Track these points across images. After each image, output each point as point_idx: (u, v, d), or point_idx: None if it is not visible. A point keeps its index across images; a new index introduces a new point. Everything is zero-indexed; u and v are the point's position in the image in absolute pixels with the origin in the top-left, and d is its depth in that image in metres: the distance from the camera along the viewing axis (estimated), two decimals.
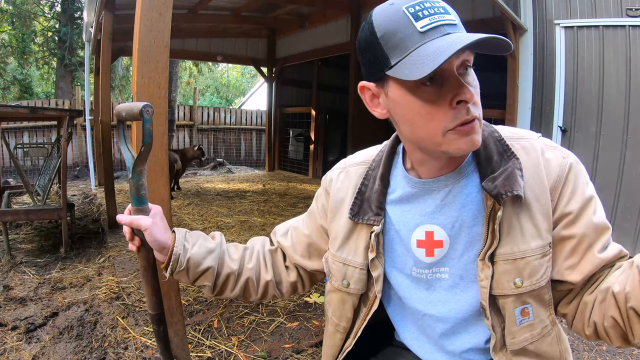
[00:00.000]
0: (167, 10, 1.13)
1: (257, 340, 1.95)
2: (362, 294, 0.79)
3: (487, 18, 3.73)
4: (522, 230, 0.66)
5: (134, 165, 0.74)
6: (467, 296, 0.71)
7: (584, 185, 0.68)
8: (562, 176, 0.67)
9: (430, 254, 0.72)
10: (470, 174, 0.71)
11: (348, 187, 0.81)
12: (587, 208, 0.67)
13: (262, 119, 9.90)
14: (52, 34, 10.51)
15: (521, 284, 0.66)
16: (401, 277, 0.76)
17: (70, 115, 2.98)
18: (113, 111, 7.79)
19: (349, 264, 0.78)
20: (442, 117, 0.61)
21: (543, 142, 0.72)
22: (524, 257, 0.66)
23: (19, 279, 2.54)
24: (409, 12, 0.59)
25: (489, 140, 0.70)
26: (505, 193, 0.64)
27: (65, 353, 1.79)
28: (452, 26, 0.60)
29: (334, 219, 0.82)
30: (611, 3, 3.13)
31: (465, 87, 0.60)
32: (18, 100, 10.11)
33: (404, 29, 0.59)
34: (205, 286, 0.84)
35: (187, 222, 3.92)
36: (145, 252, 0.79)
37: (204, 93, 19.12)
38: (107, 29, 3.57)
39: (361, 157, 0.85)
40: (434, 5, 0.60)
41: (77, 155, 7.54)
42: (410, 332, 0.80)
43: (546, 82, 3.51)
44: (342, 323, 0.82)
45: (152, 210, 0.78)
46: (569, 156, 0.69)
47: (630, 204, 3.12)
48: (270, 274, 0.90)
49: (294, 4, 5.24)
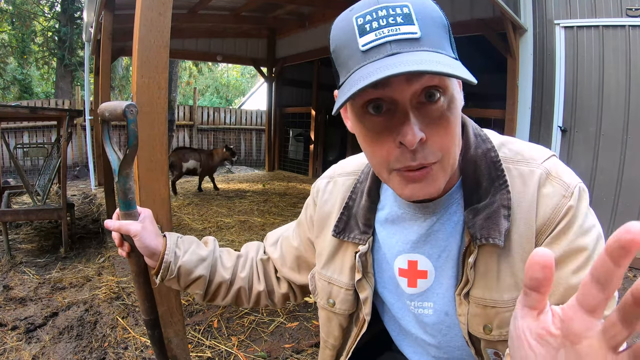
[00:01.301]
0: (167, 10, 1.13)
1: (257, 340, 1.95)
2: (353, 314, 0.74)
3: (487, 18, 3.73)
4: (498, 278, 0.58)
5: (119, 168, 0.70)
6: (453, 332, 0.65)
7: (577, 231, 0.55)
8: (554, 220, 0.56)
9: (413, 285, 0.65)
10: (459, 199, 0.62)
11: (335, 201, 0.75)
12: (569, 261, 0.54)
13: (262, 119, 9.90)
14: (52, 34, 10.51)
15: (490, 332, 0.59)
16: (394, 299, 0.70)
17: (70, 115, 2.98)
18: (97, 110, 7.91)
19: (334, 283, 0.73)
20: (385, 154, 0.52)
21: (546, 170, 0.58)
22: (494, 307, 0.58)
23: (19, 279, 2.54)
24: (357, 23, 0.49)
25: (480, 162, 0.60)
26: (480, 238, 0.57)
27: (65, 353, 1.79)
28: (408, 43, 0.47)
29: (320, 234, 0.76)
30: (611, 3, 3.13)
31: (406, 127, 0.49)
32: (18, 100, 10.11)
33: (350, 44, 0.50)
34: (197, 294, 0.82)
35: (187, 222, 3.92)
36: (135, 258, 0.77)
37: (203, 93, 19.11)
38: (107, 29, 3.57)
39: (351, 166, 0.77)
40: (391, 13, 0.48)
41: (77, 155, 7.54)
42: (409, 347, 0.76)
43: (546, 82, 3.51)
44: (330, 340, 0.77)
45: (142, 215, 0.75)
46: (572, 195, 0.56)
47: (630, 204, 3.12)
48: (262, 284, 0.87)
49: (294, 4, 5.23)
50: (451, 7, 4.10)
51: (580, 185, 0.57)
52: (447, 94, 0.51)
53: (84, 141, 7.25)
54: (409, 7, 0.48)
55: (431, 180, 0.53)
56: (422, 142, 0.50)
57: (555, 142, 3.48)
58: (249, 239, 3.46)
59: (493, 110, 4.07)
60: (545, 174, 0.58)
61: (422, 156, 0.51)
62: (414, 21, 0.48)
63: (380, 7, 0.48)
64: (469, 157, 0.61)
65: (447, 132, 0.52)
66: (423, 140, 0.50)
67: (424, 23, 0.48)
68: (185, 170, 5.43)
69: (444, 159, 0.53)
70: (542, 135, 3.55)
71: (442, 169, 0.54)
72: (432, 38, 0.48)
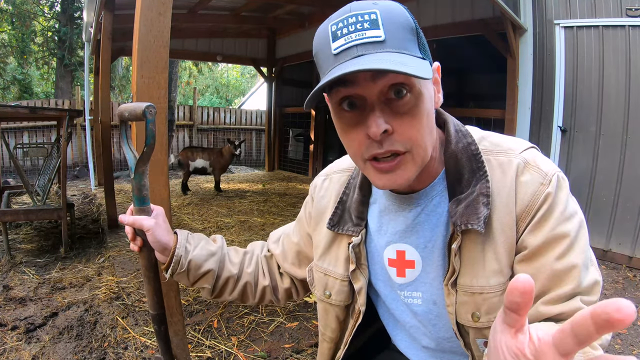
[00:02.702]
0: (166, 10, 1.13)
1: (256, 340, 1.95)
2: (348, 306, 0.77)
3: (487, 18, 3.73)
4: (484, 264, 0.60)
5: (136, 165, 0.74)
6: (443, 322, 0.68)
7: (558, 218, 0.57)
8: (532, 206, 0.57)
9: (402, 274, 0.69)
10: (443, 191, 0.65)
11: (331, 196, 0.79)
12: (551, 248, 0.56)
13: (262, 119, 9.90)
14: (52, 34, 10.51)
15: (478, 319, 0.61)
16: (387, 290, 0.74)
17: (69, 115, 2.98)
18: (115, 111, 7.79)
19: (329, 275, 0.77)
20: (357, 145, 0.58)
21: (524, 159, 0.61)
22: (482, 293, 0.60)
23: (19, 279, 2.54)
24: (331, 30, 0.55)
25: (461, 155, 0.63)
26: (460, 225, 0.59)
27: (65, 353, 1.79)
28: (372, 45, 0.52)
29: (317, 227, 0.81)
30: (611, 3, 3.13)
31: (370, 121, 0.54)
32: (18, 100, 10.11)
33: (325, 49, 0.56)
34: (205, 288, 0.84)
35: (186, 222, 3.92)
36: (147, 253, 0.79)
37: (203, 93, 19.11)
38: (107, 29, 3.57)
39: (345, 164, 0.82)
40: (359, 19, 0.53)
41: (77, 155, 7.54)
42: (402, 340, 0.79)
43: (546, 82, 3.51)
44: (327, 332, 0.80)
45: (155, 211, 0.78)
46: (549, 182, 0.58)
47: (630, 204, 3.12)
48: (267, 279, 0.90)
49: (294, 4, 5.24)
50: (451, 7, 4.10)
51: (559, 173, 0.60)
52: (414, 90, 0.55)
53: (83, 141, 7.25)
54: (377, 14, 0.53)
55: (401, 171, 0.57)
56: (389, 133, 0.55)
57: (555, 142, 3.49)
58: (248, 239, 3.46)
59: (493, 110, 4.07)
60: (523, 162, 0.61)
61: (388, 144, 0.55)
62: (380, 26, 0.52)
63: (351, 14, 0.54)
64: (451, 151, 0.64)
65: (413, 124, 0.55)
66: (390, 132, 0.55)
67: (389, 27, 0.53)
68: (193, 170, 5.42)
69: (414, 150, 0.57)
70: (542, 135, 3.55)
71: (412, 160, 0.57)
72: (396, 40, 0.53)
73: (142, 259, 0.80)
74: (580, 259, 0.56)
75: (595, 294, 0.57)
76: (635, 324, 2.26)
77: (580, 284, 0.55)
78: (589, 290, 0.56)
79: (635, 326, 2.23)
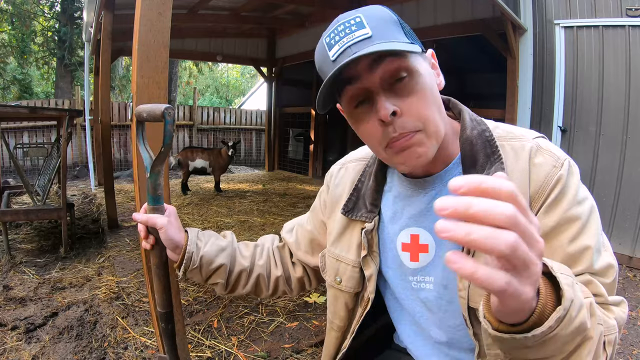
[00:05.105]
0: (167, 10, 1.13)
1: (256, 340, 1.95)
2: (358, 293, 0.78)
3: (487, 18, 3.73)
4: None
5: (152, 165, 0.75)
6: (453, 307, 0.68)
7: (571, 201, 0.59)
8: (546, 187, 0.59)
9: (415, 259, 0.70)
10: (458, 175, 0.65)
11: (346, 183, 0.82)
12: (564, 230, 0.58)
13: (262, 118, 9.89)
14: (52, 34, 10.51)
15: None
16: (397, 278, 0.75)
17: (70, 115, 2.98)
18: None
19: (341, 260, 0.79)
20: (374, 134, 0.62)
21: (537, 144, 0.64)
22: None
23: (19, 279, 2.54)
24: (326, 42, 0.61)
25: (477, 141, 0.66)
26: None
27: (65, 353, 1.79)
28: (363, 42, 0.57)
29: (332, 214, 0.83)
30: (611, 3, 3.13)
31: (378, 106, 0.59)
32: (18, 100, 10.11)
33: (325, 59, 0.61)
34: (218, 284, 0.86)
35: (187, 222, 3.92)
36: (158, 251, 0.81)
37: (203, 93, 19.12)
38: (107, 28, 3.57)
39: (361, 153, 0.85)
40: (347, 25, 0.59)
41: (77, 155, 7.53)
42: (407, 333, 0.79)
43: (546, 82, 3.51)
44: (336, 321, 0.82)
45: (167, 210, 0.79)
46: (562, 165, 0.60)
47: (630, 203, 3.12)
48: (280, 269, 0.92)
49: (294, 4, 5.23)
50: (451, 7, 4.10)
51: (570, 160, 0.62)
52: (413, 72, 0.59)
53: (83, 141, 7.25)
54: (361, 17, 0.59)
55: (417, 146, 0.60)
56: (399, 115, 0.59)
57: (555, 142, 3.49)
58: (249, 239, 3.45)
59: (493, 110, 4.06)
60: (536, 146, 0.63)
61: (400, 126, 0.59)
62: (365, 25, 0.58)
63: (339, 24, 0.60)
64: (466, 137, 0.67)
65: (419, 103, 0.59)
66: (399, 114, 0.59)
67: (374, 24, 0.58)
68: (193, 170, 5.42)
69: (426, 127, 0.60)
70: (543, 137, 3.55)
71: (426, 136, 0.60)
72: (383, 33, 0.58)
73: (153, 257, 0.81)
74: (593, 242, 0.57)
75: (609, 277, 0.57)
76: (635, 324, 2.26)
77: (592, 265, 0.56)
78: (602, 272, 0.57)
79: (635, 326, 2.23)
